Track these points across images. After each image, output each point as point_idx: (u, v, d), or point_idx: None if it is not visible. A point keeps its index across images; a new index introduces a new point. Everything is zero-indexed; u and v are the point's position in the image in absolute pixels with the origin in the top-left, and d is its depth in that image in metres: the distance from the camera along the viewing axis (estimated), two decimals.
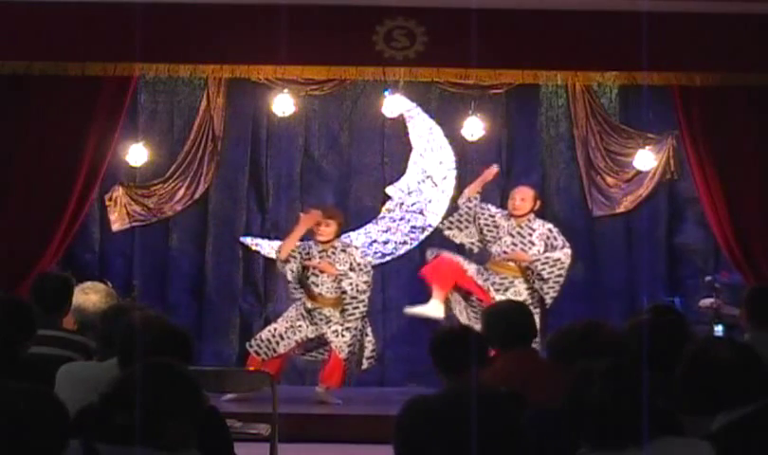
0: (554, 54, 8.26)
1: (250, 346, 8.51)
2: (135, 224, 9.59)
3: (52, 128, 8.31)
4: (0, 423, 2.54)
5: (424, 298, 8.99)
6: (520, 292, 8.26)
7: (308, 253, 8.51)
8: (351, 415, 8.17)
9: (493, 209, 8.59)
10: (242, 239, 9.66)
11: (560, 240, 8.37)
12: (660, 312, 5.07)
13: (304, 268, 8.50)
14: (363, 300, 8.50)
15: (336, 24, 8.14)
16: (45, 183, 8.33)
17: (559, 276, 8.27)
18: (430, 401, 2.46)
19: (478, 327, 5.86)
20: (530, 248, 8.31)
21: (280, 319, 8.57)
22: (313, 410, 8.24)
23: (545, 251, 8.30)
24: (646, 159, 9.28)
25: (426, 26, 8.15)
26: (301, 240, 8.55)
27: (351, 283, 8.42)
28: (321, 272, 8.46)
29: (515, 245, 8.34)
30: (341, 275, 8.42)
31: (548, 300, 8.27)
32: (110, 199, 9.52)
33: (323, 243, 8.48)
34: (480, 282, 8.37)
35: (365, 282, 8.49)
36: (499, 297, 8.11)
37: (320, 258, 8.48)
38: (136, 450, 2.88)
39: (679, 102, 8.50)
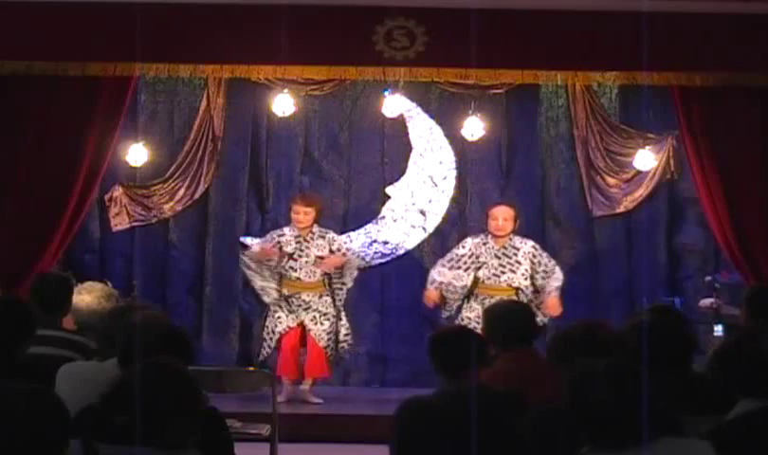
0: (554, 54, 8.25)
1: (266, 353, 8.62)
2: (135, 224, 9.59)
3: (52, 128, 8.31)
4: (2, 423, 2.54)
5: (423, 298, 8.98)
6: None
7: (281, 238, 8.53)
8: (351, 415, 8.17)
9: (467, 245, 8.49)
10: (242, 239, 9.65)
11: (545, 257, 8.36)
12: (660, 312, 5.08)
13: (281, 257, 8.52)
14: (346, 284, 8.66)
15: (336, 24, 8.13)
16: (45, 183, 8.32)
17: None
18: (427, 401, 2.45)
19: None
20: (517, 268, 8.30)
21: (266, 321, 8.64)
22: (313, 410, 8.25)
23: (531, 269, 8.29)
24: (646, 159, 9.27)
25: (426, 26, 8.14)
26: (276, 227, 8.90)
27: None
28: (300, 257, 8.46)
29: (502, 266, 8.32)
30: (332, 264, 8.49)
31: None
32: (110, 199, 9.52)
33: (302, 229, 8.51)
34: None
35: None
36: None
37: (297, 243, 8.48)
38: (136, 450, 2.88)
39: (679, 102, 8.49)
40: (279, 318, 8.48)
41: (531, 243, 8.43)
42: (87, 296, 5.23)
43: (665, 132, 9.37)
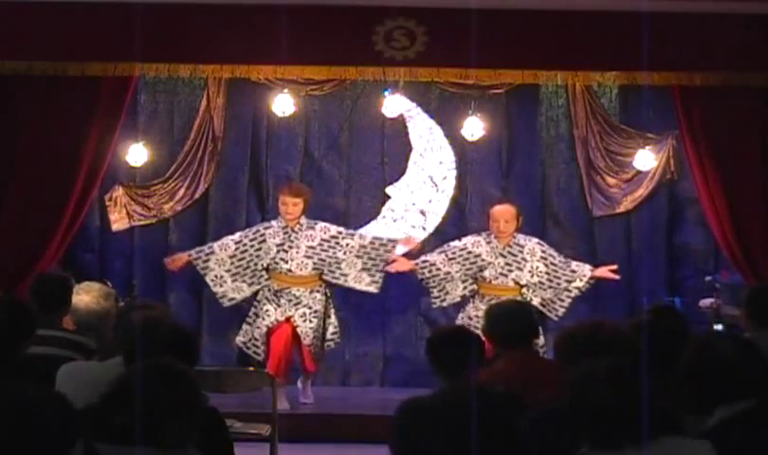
0: (554, 54, 8.25)
1: (248, 348, 8.56)
2: (135, 224, 9.59)
3: (52, 128, 8.31)
4: (12, 424, 2.54)
5: (424, 297, 9.00)
6: None
7: (267, 230, 8.48)
8: (351, 415, 8.17)
9: (464, 240, 8.51)
10: None
11: (550, 251, 8.38)
12: (660, 312, 5.08)
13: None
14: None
15: (336, 24, 8.14)
16: (45, 183, 8.32)
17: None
18: (427, 402, 2.46)
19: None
20: (524, 265, 8.30)
21: (251, 311, 8.58)
22: (313, 410, 8.25)
23: (545, 265, 8.30)
24: (646, 159, 9.27)
25: (426, 26, 8.14)
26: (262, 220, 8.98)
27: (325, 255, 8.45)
28: (290, 248, 8.39)
29: (509, 265, 8.31)
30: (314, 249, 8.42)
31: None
32: (110, 199, 9.51)
33: (290, 220, 8.47)
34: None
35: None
36: None
37: (285, 235, 8.43)
38: (136, 450, 2.89)
39: (679, 102, 8.49)
40: (267, 311, 8.40)
41: (535, 240, 8.44)
42: (86, 296, 5.22)
43: (665, 132, 9.36)
